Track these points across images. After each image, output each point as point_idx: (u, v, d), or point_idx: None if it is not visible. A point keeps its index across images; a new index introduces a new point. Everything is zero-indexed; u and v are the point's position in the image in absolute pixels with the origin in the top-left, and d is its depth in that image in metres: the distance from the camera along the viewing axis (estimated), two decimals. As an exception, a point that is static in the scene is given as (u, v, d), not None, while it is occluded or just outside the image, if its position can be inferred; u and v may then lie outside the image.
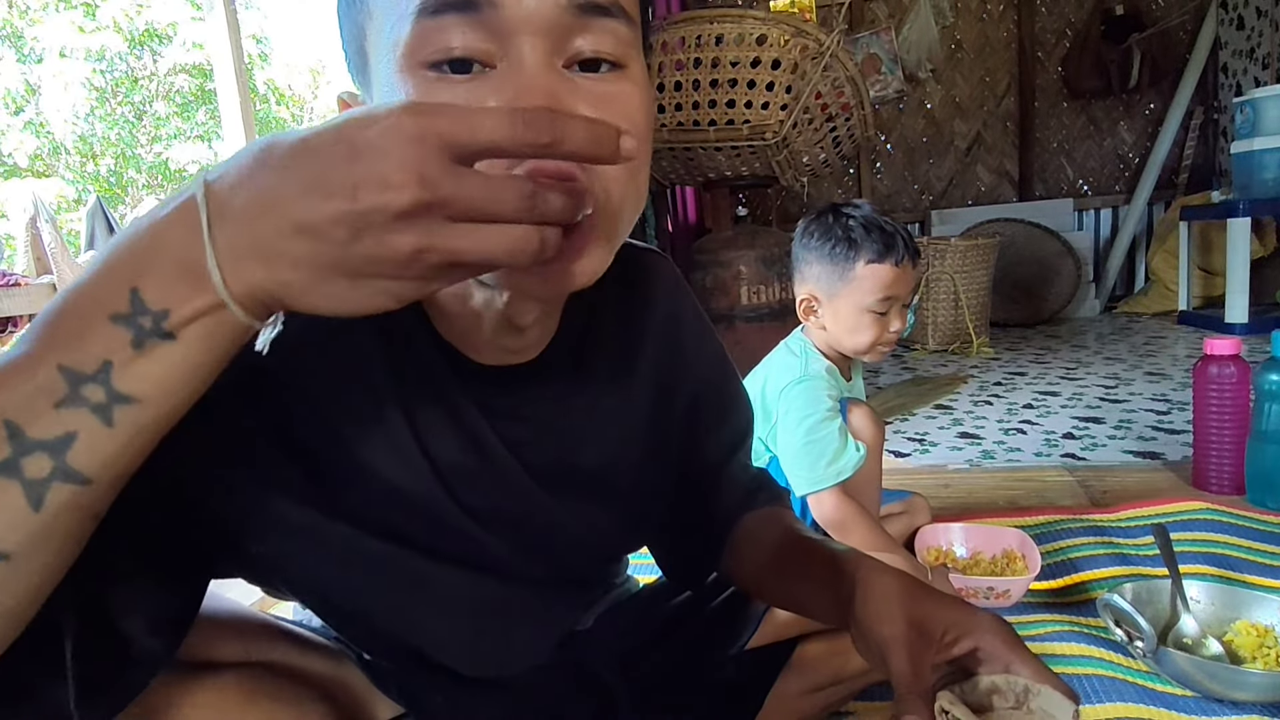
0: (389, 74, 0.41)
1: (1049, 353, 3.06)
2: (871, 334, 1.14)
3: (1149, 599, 0.97)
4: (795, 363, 1.16)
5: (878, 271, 1.12)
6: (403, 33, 0.40)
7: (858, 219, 1.13)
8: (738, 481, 0.74)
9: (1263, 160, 2.91)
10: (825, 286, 1.16)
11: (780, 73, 2.21)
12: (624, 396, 0.62)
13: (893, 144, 4.68)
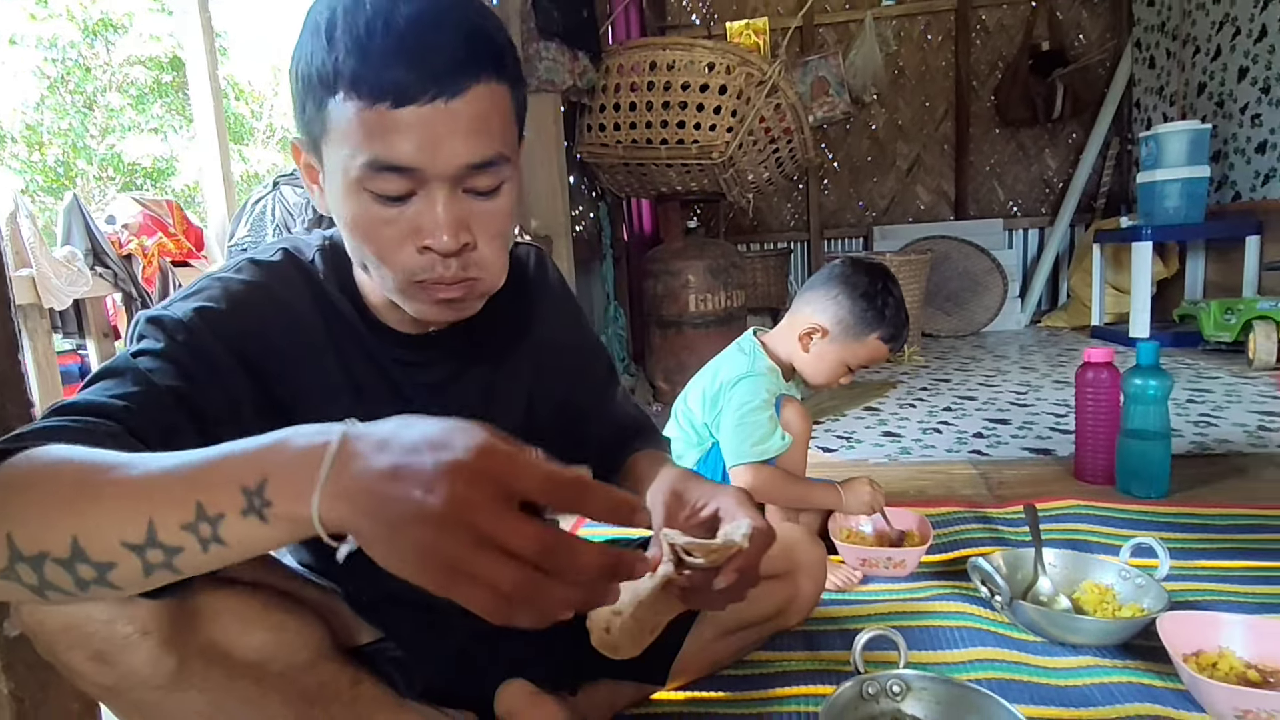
0: (339, 183, 0.59)
1: (973, 361, 3.30)
2: (833, 378, 1.33)
3: (1016, 564, 1.15)
4: (744, 360, 1.32)
5: (880, 348, 1.30)
6: (352, 169, 0.57)
7: (894, 299, 1.30)
8: (616, 422, 0.90)
9: (1165, 190, 3.19)
10: (838, 330, 1.30)
11: (727, 98, 2.39)
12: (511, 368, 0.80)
13: (840, 163, 4.92)
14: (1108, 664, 0.96)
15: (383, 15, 0.54)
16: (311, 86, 0.56)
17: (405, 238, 0.59)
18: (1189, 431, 1.98)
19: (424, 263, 0.60)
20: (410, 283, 0.61)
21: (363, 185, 0.57)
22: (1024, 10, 4.49)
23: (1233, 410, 2.17)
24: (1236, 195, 3.34)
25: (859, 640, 0.87)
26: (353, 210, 0.59)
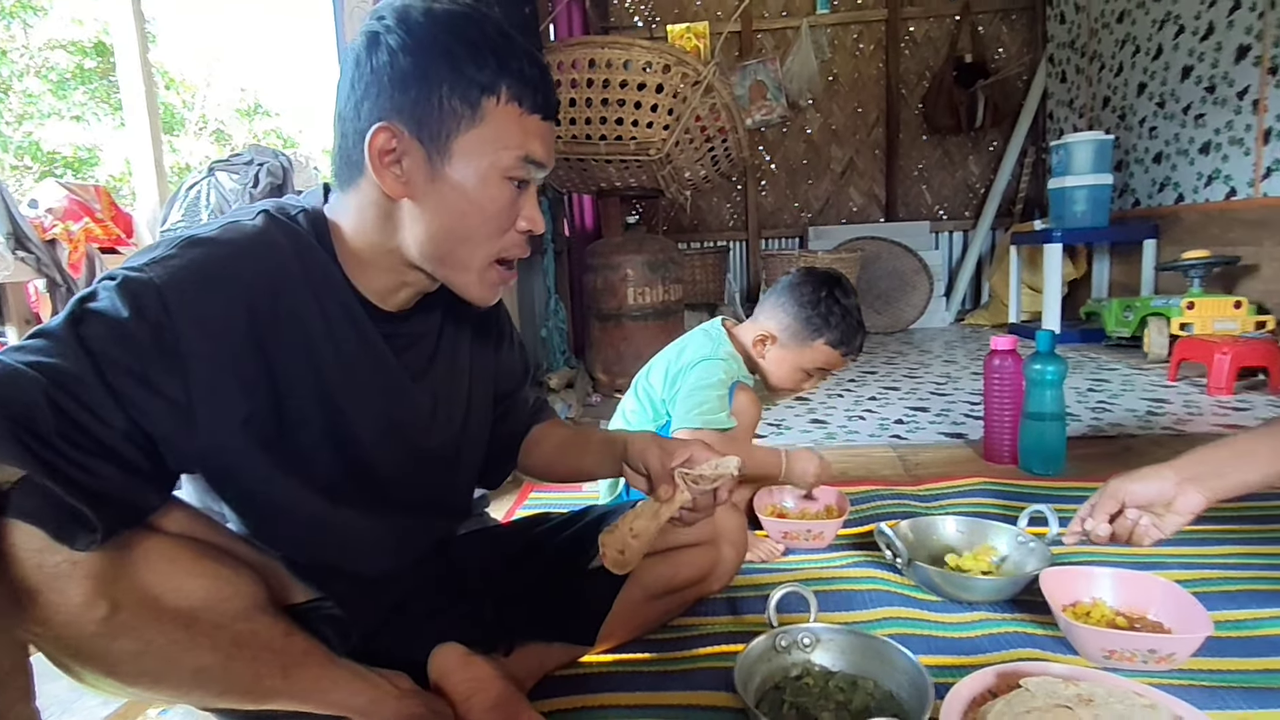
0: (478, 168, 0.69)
1: (900, 356, 3.46)
2: (791, 384, 1.39)
3: (926, 530, 1.25)
4: (708, 344, 1.38)
5: (830, 353, 1.35)
6: (505, 159, 0.70)
7: (841, 306, 1.34)
8: (527, 404, 1.01)
9: (1073, 195, 3.41)
10: (785, 337, 1.37)
11: (663, 96, 2.45)
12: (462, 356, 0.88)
13: (777, 164, 5.06)
14: (997, 617, 1.05)
15: (523, 45, 0.71)
16: (464, 83, 0.67)
17: (513, 220, 0.73)
18: (1087, 416, 2.14)
19: (518, 241, 0.75)
20: (495, 260, 0.75)
21: (507, 174, 0.70)
22: (949, 24, 4.71)
23: (1127, 397, 2.35)
24: (1136, 202, 3.59)
25: (773, 597, 0.93)
26: (489, 194, 0.70)
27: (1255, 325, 2.51)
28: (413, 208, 0.70)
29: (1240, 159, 2.85)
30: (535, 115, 0.71)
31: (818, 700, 0.81)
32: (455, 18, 0.68)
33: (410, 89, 0.67)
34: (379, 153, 0.68)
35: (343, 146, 0.71)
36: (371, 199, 0.71)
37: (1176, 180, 3.27)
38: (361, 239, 0.73)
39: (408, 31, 0.67)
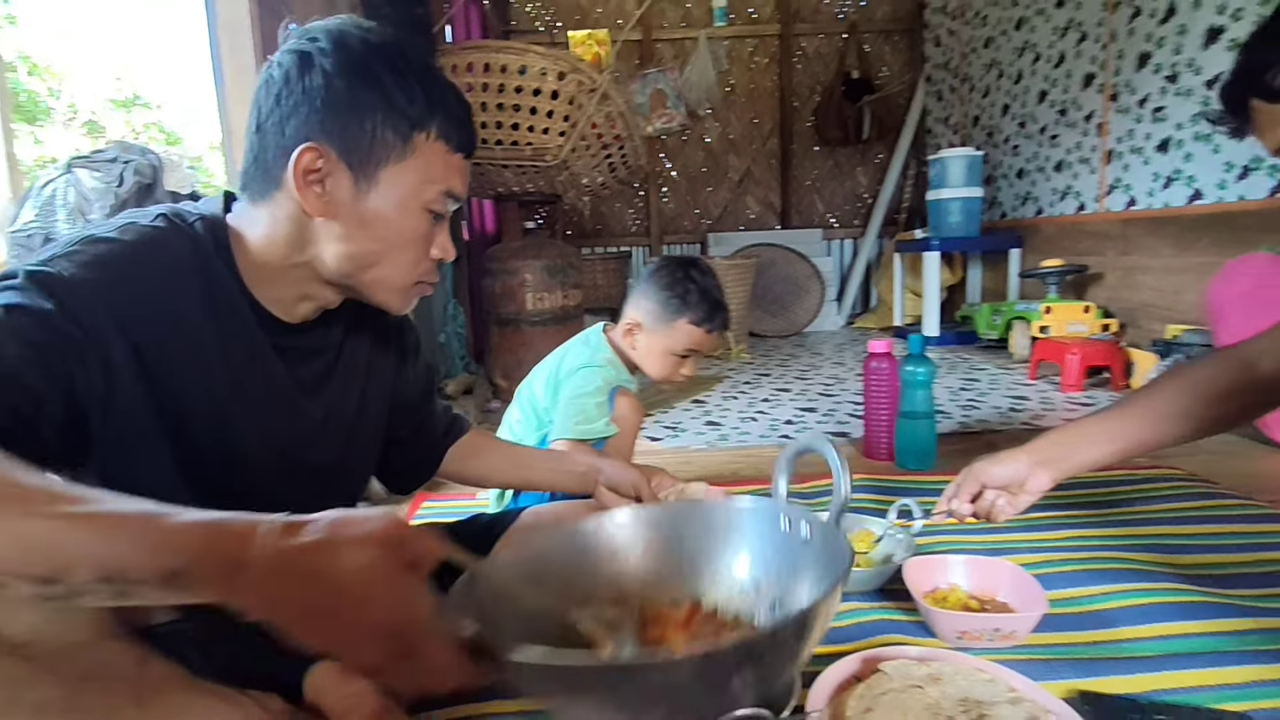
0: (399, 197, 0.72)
1: (793, 359, 3.60)
2: (667, 371, 1.42)
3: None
4: (586, 351, 1.40)
5: (692, 332, 1.38)
6: (428, 192, 0.73)
7: (698, 285, 1.37)
8: (439, 416, 1.03)
9: (948, 207, 3.65)
10: (651, 322, 1.40)
11: (558, 103, 2.46)
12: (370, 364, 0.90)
13: (677, 171, 5.16)
14: (866, 606, 1.12)
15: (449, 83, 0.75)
16: (396, 116, 0.70)
17: (427, 249, 0.77)
18: (957, 414, 2.30)
19: (431, 267, 0.79)
20: (414, 282, 0.78)
21: (427, 206, 0.74)
22: (837, 41, 4.94)
23: (993, 395, 2.54)
24: (1003, 214, 3.88)
25: None
26: (408, 223, 0.74)
27: (1101, 328, 2.76)
28: (331, 226, 0.72)
29: (1088, 177, 3.14)
30: (459, 154, 0.76)
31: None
32: (390, 50, 0.71)
33: (342, 115, 0.69)
34: (303, 171, 0.69)
35: (260, 159, 0.72)
36: (287, 213, 0.72)
37: (1036, 195, 3.56)
38: (270, 251, 0.74)
39: (345, 58, 0.69)
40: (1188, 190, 2.57)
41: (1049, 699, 0.82)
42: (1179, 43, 2.57)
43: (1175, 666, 0.93)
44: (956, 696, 0.80)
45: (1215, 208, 2.46)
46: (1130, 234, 2.91)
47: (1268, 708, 0.84)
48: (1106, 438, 1.03)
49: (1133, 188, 2.87)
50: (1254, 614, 1.02)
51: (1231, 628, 1.00)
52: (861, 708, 0.80)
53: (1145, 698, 0.87)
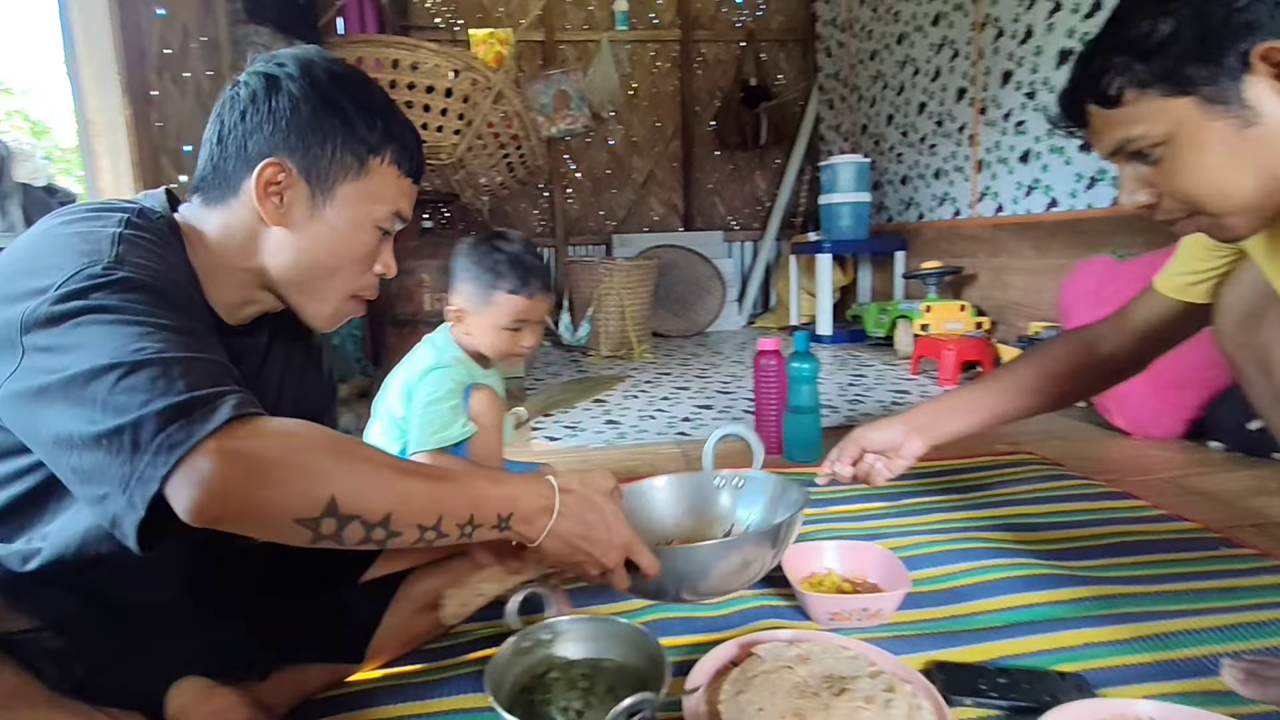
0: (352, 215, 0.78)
1: (694, 358, 3.68)
2: (505, 347, 1.38)
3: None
4: (433, 353, 1.37)
5: (513, 301, 1.35)
6: (378, 211, 0.80)
7: (506, 254, 1.34)
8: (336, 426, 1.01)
9: (839, 211, 3.82)
10: (471, 303, 1.37)
11: (453, 101, 2.43)
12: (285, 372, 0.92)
13: (582, 173, 5.16)
14: (748, 593, 1.16)
15: (404, 116, 0.82)
16: (355, 141, 0.77)
17: (371, 264, 0.83)
18: (844, 408, 2.42)
19: (373, 282, 0.85)
20: (354, 294, 0.84)
21: (377, 223, 0.80)
22: (735, 49, 5.08)
23: (878, 390, 2.69)
24: (890, 218, 4.10)
25: (511, 602, 0.92)
26: (359, 237, 0.80)
27: (975, 325, 2.96)
28: (285, 235, 0.78)
29: (962, 184, 3.36)
30: (409, 179, 0.83)
31: (565, 693, 0.86)
32: (353, 81, 0.79)
33: (306, 136, 0.76)
34: (265, 183, 0.75)
35: (221, 168, 0.77)
36: (242, 220, 0.77)
37: (918, 200, 3.78)
38: (220, 254, 0.78)
39: (311, 85, 0.76)
40: (1045, 198, 2.80)
41: (906, 670, 0.88)
42: (1036, 62, 2.79)
43: (1019, 634, 1.01)
44: (822, 674, 0.86)
45: (1068, 215, 2.69)
46: (999, 238, 3.13)
47: (1098, 666, 0.93)
48: (972, 408, 1.13)
49: (1000, 195, 3.09)
50: (1090, 583, 1.13)
51: (1069, 596, 1.10)
52: (734, 690, 0.84)
53: (992, 664, 0.95)
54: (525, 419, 2.38)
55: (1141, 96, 0.64)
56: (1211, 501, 1.49)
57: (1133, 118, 0.65)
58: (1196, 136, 0.63)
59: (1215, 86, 0.60)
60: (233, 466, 0.55)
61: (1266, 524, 1.37)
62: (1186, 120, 0.63)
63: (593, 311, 3.72)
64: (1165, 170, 0.67)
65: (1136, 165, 0.69)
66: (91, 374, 0.56)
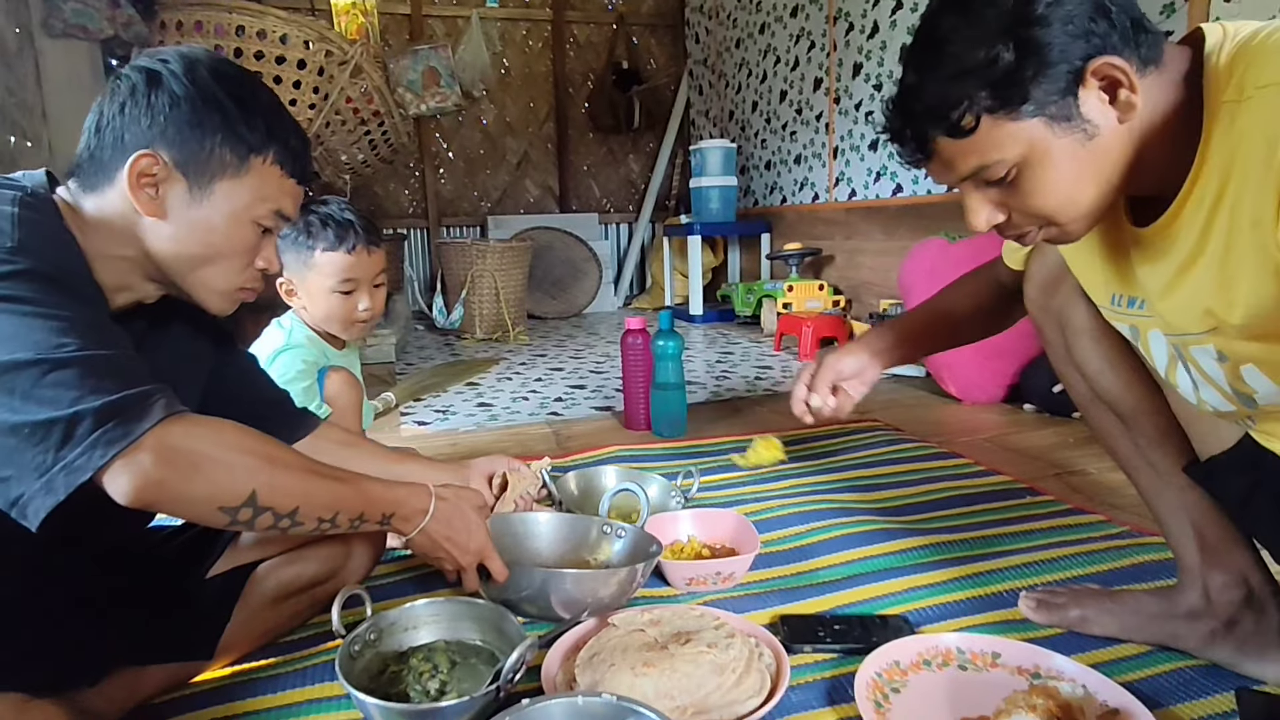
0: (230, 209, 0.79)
1: (569, 339, 3.70)
2: (341, 313, 1.32)
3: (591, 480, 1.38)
4: (279, 335, 1.31)
5: (333, 259, 1.29)
6: (258, 208, 0.81)
7: (318, 215, 1.29)
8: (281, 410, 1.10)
9: (708, 194, 3.94)
10: (296, 272, 1.31)
11: (306, 73, 2.30)
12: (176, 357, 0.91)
13: (454, 153, 5.01)
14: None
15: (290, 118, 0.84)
16: (236, 140, 0.78)
17: (253, 259, 0.84)
18: (710, 384, 2.52)
19: (257, 276, 0.86)
20: (238, 287, 0.84)
21: (257, 220, 0.81)
22: (607, 30, 5.08)
23: (743, 366, 2.81)
24: (756, 202, 4.27)
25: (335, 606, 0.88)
26: (237, 233, 0.80)
27: (832, 304, 3.16)
28: (161, 226, 0.77)
29: (820, 170, 3.55)
30: (293, 179, 0.83)
31: (422, 673, 0.86)
32: (236, 81, 0.79)
33: (184, 132, 0.76)
34: (138, 174, 0.75)
35: (97, 156, 0.77)
36: (116, 208, 0.77)
37: (781, 185, 3.96)
38: (95, 239, 0.77)
39: (193, 83, 0.76)
40: (892, 184, 3.02)
41: (750, 625, 0.95)
42: (882, 56, 2.99)
43: (855, 585, 1.11)
44: (670, 632, 0.91)
45: (911, 200, 2.91)
46: (852, 221, 3.34)
47: (920, 607, 1.04)
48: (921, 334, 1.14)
49: (853, 180, 3.29)
50: (919, 534, 1.25)
51: (900, 548, 1.21)
52: (590, 654, 0.88)
53: (829, 613, 1.04)
54: (394, 404, 2.31)
55: (994, 124, 0.65)
56: (1022, 457, 1.68)
57: (987, 144, 0.66)
58: (1048, 155, 0.65)
59: (1058, 105, 0.63)
60: (170, 460, 0.64)
61: (1063, 473, 1.56)
62: (1038, 141, 0.65)
63: (466, 294, 3.65)
64: (1019, 190, 0.68)
65: (985, 190, 0.70)
66: (12, 366, 0.61)
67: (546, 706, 0.71)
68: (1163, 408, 0.89)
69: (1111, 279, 0.79)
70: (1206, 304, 0.65)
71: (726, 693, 0.80)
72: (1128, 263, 0.75)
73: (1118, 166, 0.67)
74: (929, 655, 0.91)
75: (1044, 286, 0.93)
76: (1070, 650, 0.88)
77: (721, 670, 0.81)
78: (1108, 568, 1.13)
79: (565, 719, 0.72)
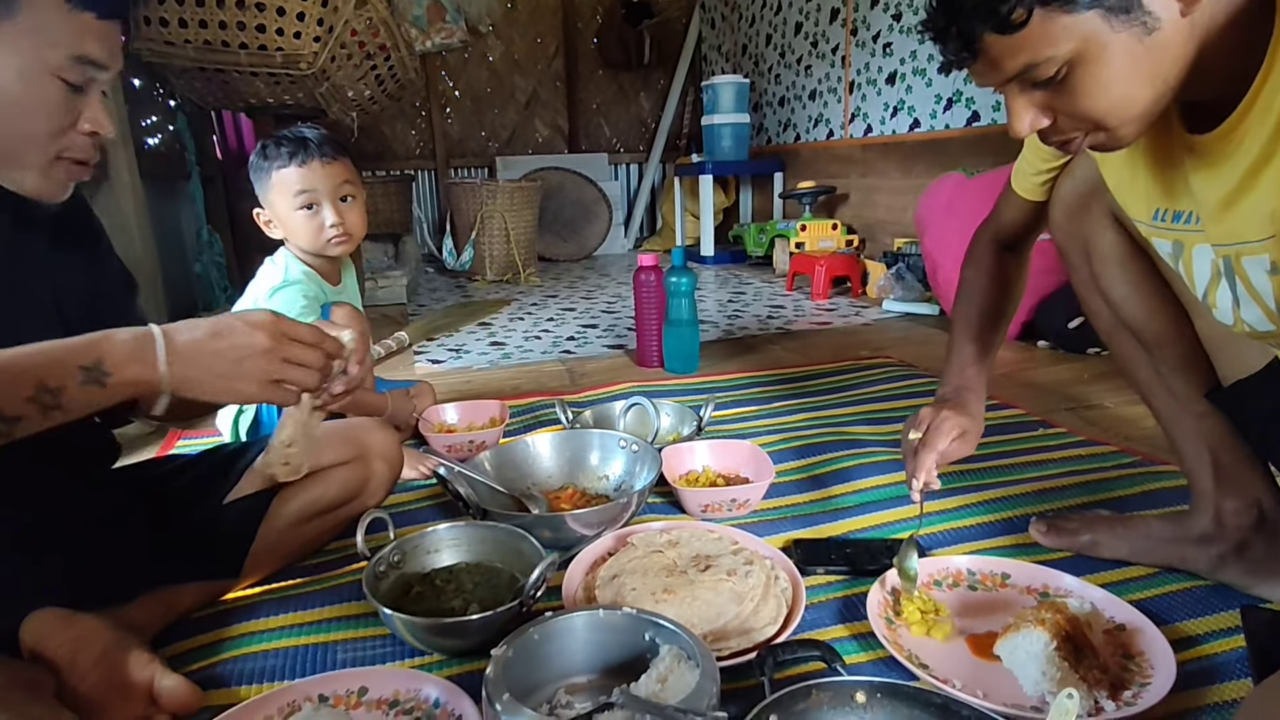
0: (21, 63, 0.66)
1: (581, 280, 3.69)
2: (309, 229, 1.29)
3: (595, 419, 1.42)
4: (276, 271, 1.31)
5: (285, 174, 1.26)
6: (53, 57, 0.67)
7: (273, 139, 1.28)
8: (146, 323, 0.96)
9: (720, 132, 3.85)
10: (265, 199, 1.30)
11: (309, 4, 2.24)
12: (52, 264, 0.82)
13: (461, 92, 4.91)
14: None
15: None
16: None
17: (74, 121, 0.71)
18: (723, 323, 2.51)
19: (83, 144, 0.73)
20: (58, 157, 0.72)
21: (57, 73, 0.68)
22: (616, -40, 4.91)
23: (755, 306, 2.80)
24: (769, 139, 4.18)
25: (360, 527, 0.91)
26: (33, 91, 0.67)
27: (845, 243, 3.12)
28: None
29: (835, 105, 3.46)
30: (88, 13, 0.68)
31: (442, 592, 0.89)
32: None
33: None
34: None
35: None
36: None
37: (795, 122, 3.87)
38: None
39: None
40: (909, 119, 2.94)
41: (766, 548, 0.97)
42: (904, -17, 2.88)
43: (866, 512, 1.13)
44: (690, 555, 0.93)
45: (929, 135, 2.84)
46: (868, 158, 3.27)
47: (930, 533, 1.06)
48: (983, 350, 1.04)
49: (869, 116, 3.21)
50: (928, 465, 1.26)
51: (910, 477, 1.23)
52: (609, 574, 0.90)
53: (841, 538, 1.06)
54: (407, 343, 2.33)
55: (1047, 17, 0.60)
56: (1036, 391, 1.68)
57: (1038, 40, 0.61)
58: (1103, 51, 0.60)
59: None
60: None
61: (1077, 407, 1.56)
62: (1093, 35, 0.60)
63: (476, 235, 3.63)
64: (1069, 90, 0.64)
65: (1030, 91, 0.66)
66: None
67: (570, 619, 0.74)
68: (1187, 334, 0.88)
69: (1155, 193, 0.76)
70: (1273, 206, 0.62)
71: (745, 620, 0.82)
72: (1178, 172, 0.72)
73: (1176, 66, 0.62)
74: (939, 576, 0.93)
75: (1071, 210, 0.91)
76: (1079, 572, 0.90)
77: (740, 599, 0.83)
78: (1119, 495, 1.14)
79: (587, 631, 0.74)
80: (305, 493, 0.99)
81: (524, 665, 0.70)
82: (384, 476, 1.10)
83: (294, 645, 0.85)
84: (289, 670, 0.81)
